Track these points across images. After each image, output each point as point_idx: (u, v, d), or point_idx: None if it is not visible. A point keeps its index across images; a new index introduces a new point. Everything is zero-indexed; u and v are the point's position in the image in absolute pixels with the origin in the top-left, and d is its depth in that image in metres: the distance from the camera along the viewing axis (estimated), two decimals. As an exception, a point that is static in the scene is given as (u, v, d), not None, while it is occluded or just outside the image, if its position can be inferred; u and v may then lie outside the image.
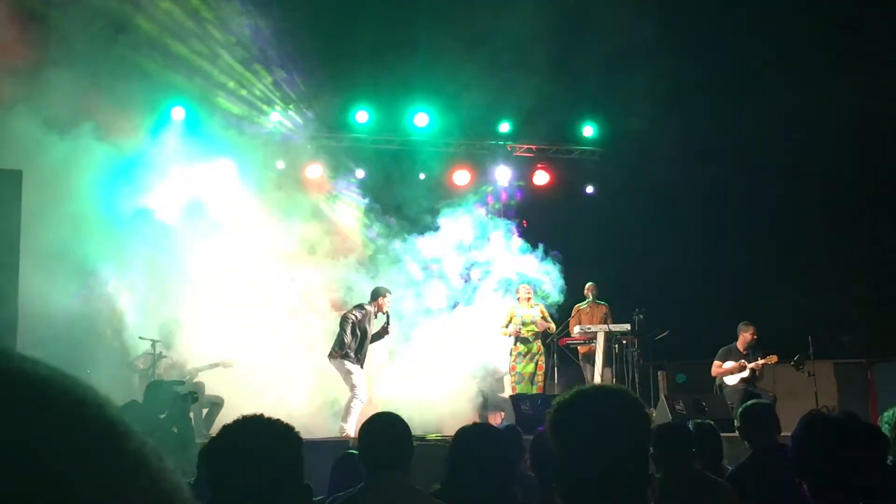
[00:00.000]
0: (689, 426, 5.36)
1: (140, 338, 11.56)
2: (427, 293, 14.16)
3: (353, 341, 11.21)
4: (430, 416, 12.01)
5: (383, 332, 11.69)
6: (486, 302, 14.15)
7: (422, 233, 14.63)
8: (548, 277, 14.14)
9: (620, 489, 1.92)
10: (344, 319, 11.43)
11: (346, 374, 11.21)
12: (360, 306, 11.61)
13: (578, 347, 13.71)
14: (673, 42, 14.70)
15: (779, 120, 16.01)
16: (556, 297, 14.07)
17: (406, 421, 3.79)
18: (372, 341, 11.56)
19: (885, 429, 4.55)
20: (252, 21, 13.77)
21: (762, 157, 16.25)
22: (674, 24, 14.77)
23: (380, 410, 4.16)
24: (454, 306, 14.31)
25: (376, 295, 11.65)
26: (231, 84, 14.19)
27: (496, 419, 11.74)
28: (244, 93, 14.43)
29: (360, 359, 11.30)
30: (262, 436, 2.49)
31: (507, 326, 12.84)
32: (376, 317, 11.57)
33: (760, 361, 12.07)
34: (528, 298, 12.94)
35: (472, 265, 14.80)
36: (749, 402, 5.94)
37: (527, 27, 13.90)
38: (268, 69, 14.46)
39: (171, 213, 13.23)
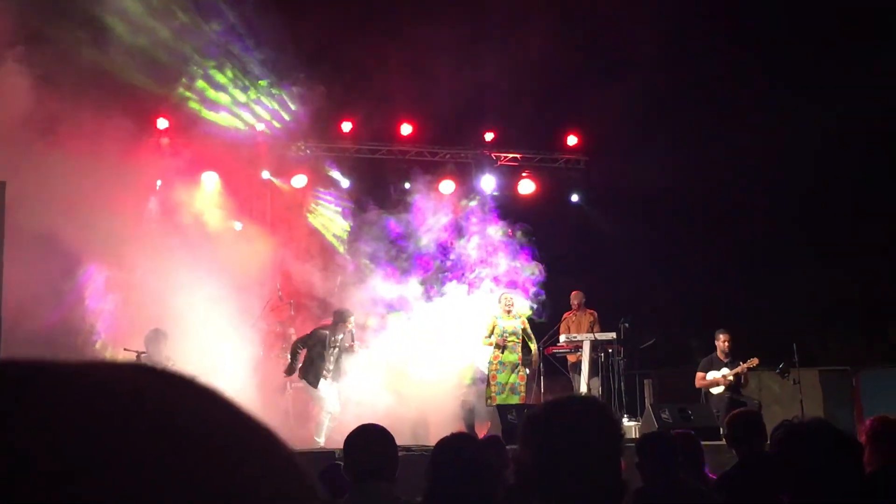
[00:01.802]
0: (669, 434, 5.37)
1: (125, 350, 11.50)
2: (408, 295, 14.10)
3: (322, 360, 11.70)
4: (418, 424, 12.00)
5: (349, 351, 12.06)
6: (466, 303, 14.07)
7: (403, 232, 14.70)
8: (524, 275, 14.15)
9: (596, 497, 1.92)
10: (310, 341, 11.85)
11: (315, 393, 11.71)
12: (324, 327, 12.02)
13: (568, 356, 13.66)
14: (658, 53, 14.78)
15: (762, 128, 16.10)
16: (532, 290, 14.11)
17: (393, 430, 3.81)
18: (337, 360, 11.94)
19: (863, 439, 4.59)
20: (237, 30, 13.79)
21: (746, 165, 16.34)
22: (659, 35, 14.84)
23: (365, 419, 4.16)
24: (430, 298, 14.26)
25: (341, 318, 12.02)
26: (215, 94, 14.19)
27: (483, 429, 11.70)
28: (229, 101, 14.43)
29: (327, 375, 11.73)
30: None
31: (489, 336, 12.77)
32: (342, 335, 11.95)
33: (743, 366, 12.07)
34: (509, 311, 12.85)
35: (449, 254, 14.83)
36: (736, 411, 5.98)
37: (512, 35, 13.97)
38: (253, 78, 14.47)
39: (157, 222, 13.21)
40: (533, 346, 12.85)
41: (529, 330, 12.97)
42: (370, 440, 3.71)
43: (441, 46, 13.66)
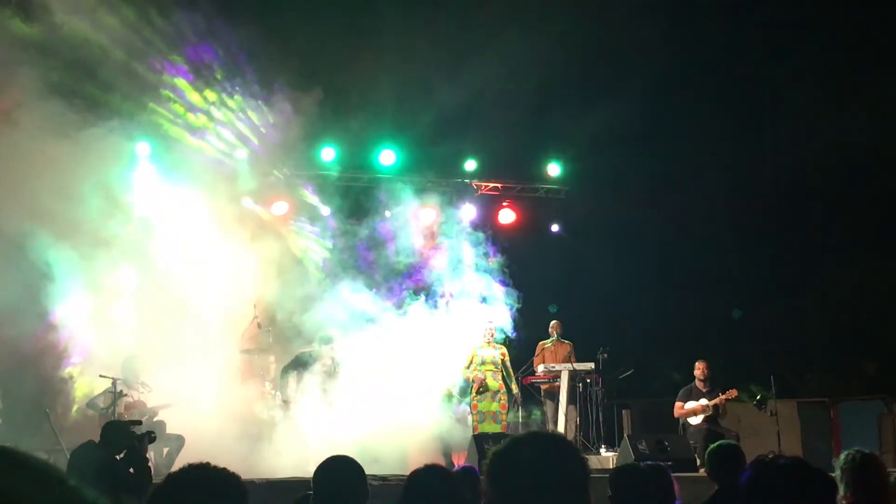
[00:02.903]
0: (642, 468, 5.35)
1: (101, 376, 11.39)
2: (386, 320, 14.03)
3: (300, 384, 11.93)
4: (395, 453, 11.89)
5: (331, 375, 12.15)
6: (444, 329, 13.98)
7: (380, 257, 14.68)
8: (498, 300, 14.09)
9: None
10: (295, 364, 12.11)
11: (300, 424, 11.77)
12: (305, 352, 12.32)
13: (542, 386, 13.63)
14: (639, 84, 14.87)
15: (743, 160, 16.20)
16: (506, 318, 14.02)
17: (370, 458, 3.78)
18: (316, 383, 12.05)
19: (837, 473, 4.57)
20: (219, 57, 13.80)
21: (725, 198, 16.42)
22: (639, 67, 14.94)
23: (342, 447, 4.13)
24: (408, 324, 14.19)
25: (321, 344, 12.26)
26: (196, 120, 14.15)
27: (460, 459, 11.63)
28: (210, 128, 14.39)
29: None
30: (207, 485, 2.44)
31: (468, 367, 12.72)
32: (328, 360, 12.17)
33: (722, 397, 12.05)
34: (490, 341, 12.81)
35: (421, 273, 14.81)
36: (716, 443, 5.97)
37: (494, 65, 14.03)
38: (235, 105, 14.45)
39: (135, 248, 13.14)
40: (514, 387, 12.79)
41: (509, 365, 12.87)
42: (339, 472, 3.67)
43: (423, 76, 13.71)
